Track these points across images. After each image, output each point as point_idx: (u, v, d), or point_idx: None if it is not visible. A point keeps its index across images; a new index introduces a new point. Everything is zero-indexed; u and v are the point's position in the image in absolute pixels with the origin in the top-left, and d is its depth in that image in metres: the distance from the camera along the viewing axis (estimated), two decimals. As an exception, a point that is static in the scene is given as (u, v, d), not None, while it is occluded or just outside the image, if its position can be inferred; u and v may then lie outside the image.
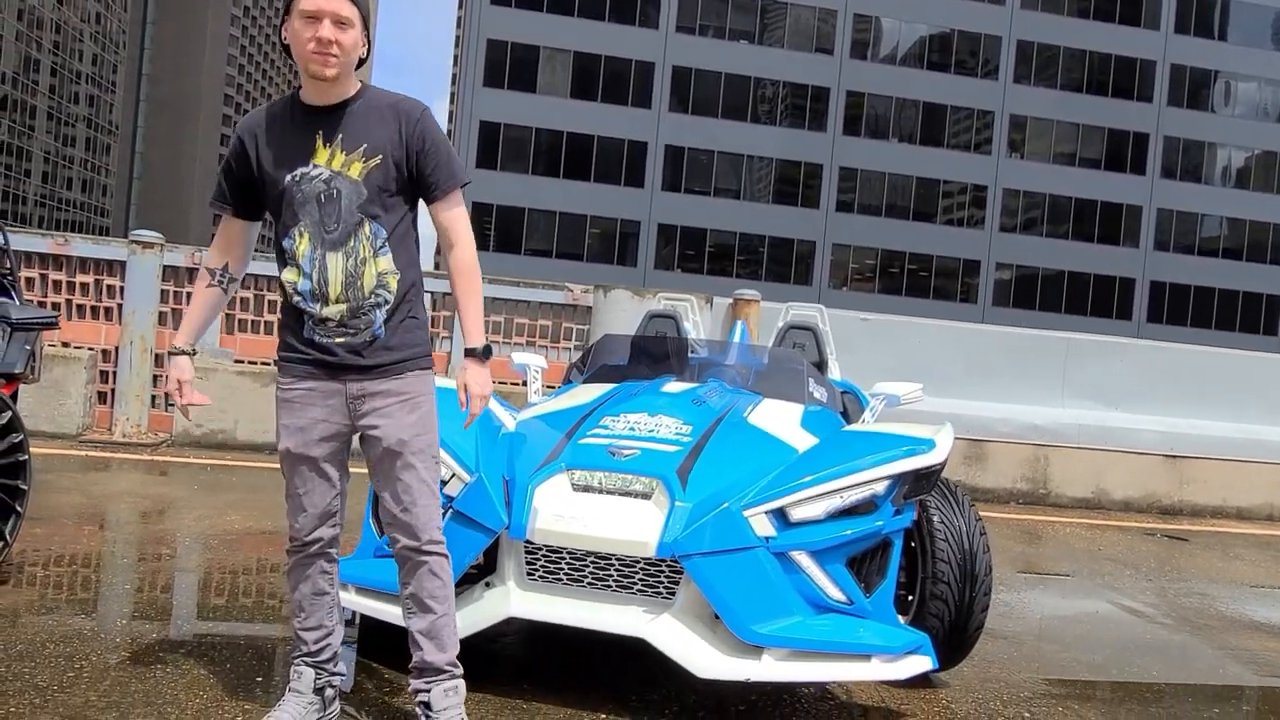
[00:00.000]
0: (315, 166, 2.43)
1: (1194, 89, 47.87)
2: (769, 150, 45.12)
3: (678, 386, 3.98)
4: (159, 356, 7.29)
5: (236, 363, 7.34)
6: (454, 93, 77.37)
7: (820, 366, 5.52)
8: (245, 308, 7.49)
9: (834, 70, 45.48)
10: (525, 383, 5.14)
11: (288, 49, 2.46)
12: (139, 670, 2.92)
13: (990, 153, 46.72)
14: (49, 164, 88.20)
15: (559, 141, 43.79)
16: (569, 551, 2.94)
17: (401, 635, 2.98)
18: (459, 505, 3.00)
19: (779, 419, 3.68)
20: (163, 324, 7.32)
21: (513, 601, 2.92)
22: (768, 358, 4.73)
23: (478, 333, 2.53)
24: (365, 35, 2.44)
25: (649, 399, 3.68)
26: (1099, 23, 46.96)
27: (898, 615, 3.14)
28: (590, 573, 2.95)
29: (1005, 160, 46.75)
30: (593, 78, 43.91)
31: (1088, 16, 47.01)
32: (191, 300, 2.69)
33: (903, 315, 9.07)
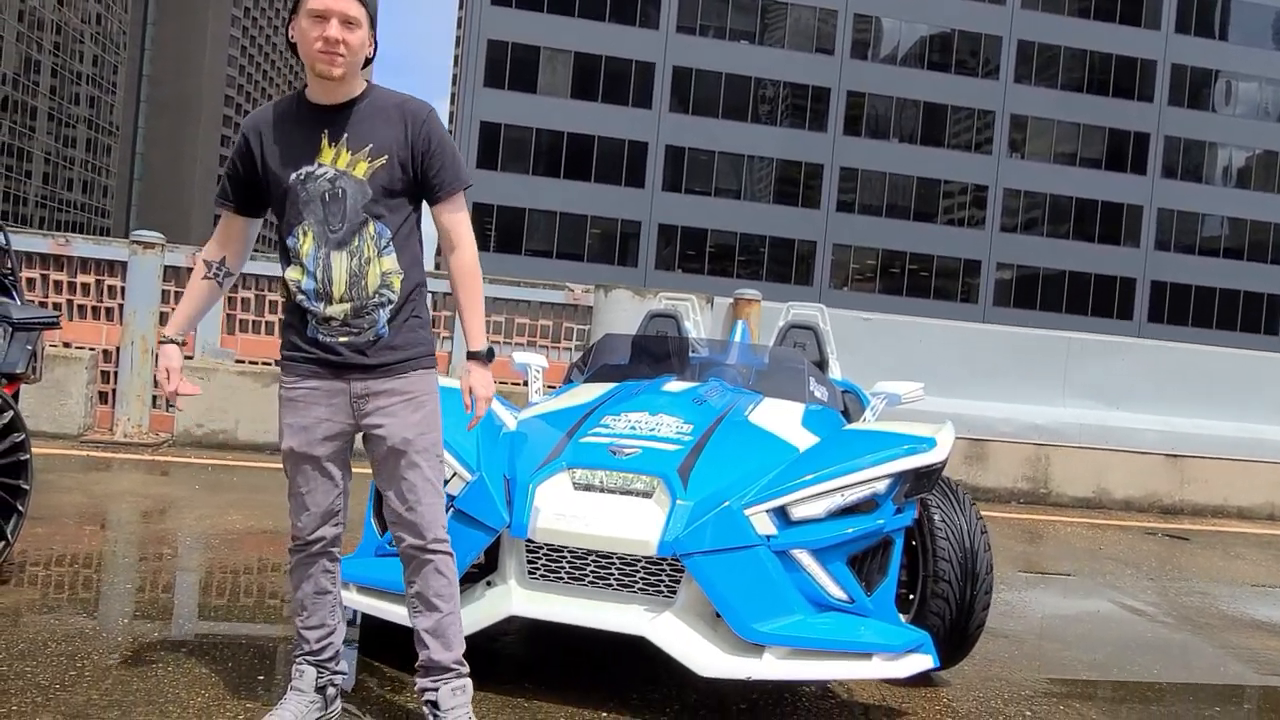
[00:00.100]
0: (320, 166, 2.43)
1: (1195, 89, 47.87)
2: (770, 150, 45.13)
3: (679, 386, 3.98)
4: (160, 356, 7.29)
5: (237, 363, 7.34)
6: (454, 93, 77.39)
7: (821, 366, 5.52)
8: (246, 308, 7.50)
9: (834, 70, 45.49)
10: (526, 382, 5.14)
11: (294, 47, 2.46)
12: (141, 669, 2.92)
13: (991, 153, 46.72)
14: (49, 165, 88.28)
15: (559, 142, 43.80)
16: (570, 550, 2.94)
17: (403, 634, 2.98)
18: (460, 504, 3.00)
19: (780, 418, 3.68)
20: (163, 324, 7.31)
21: (514, 600, 2.93)
22: (768, 357, 4.73)
23: (480, 336, 2.54)
24: (372, 35, 2.45)
25: (650, 398, 3.68)
26: (1100, 22, 46.96)
27: (899, 614, 3.14)
28: (591, 571, 2.95)
29: (1006, 160, 46.75)
30: (593, 78, 43.93)
31: (1088, 16, 47.01)
32: (185, 291, 2.68)
33: (904, 315, 9.07)
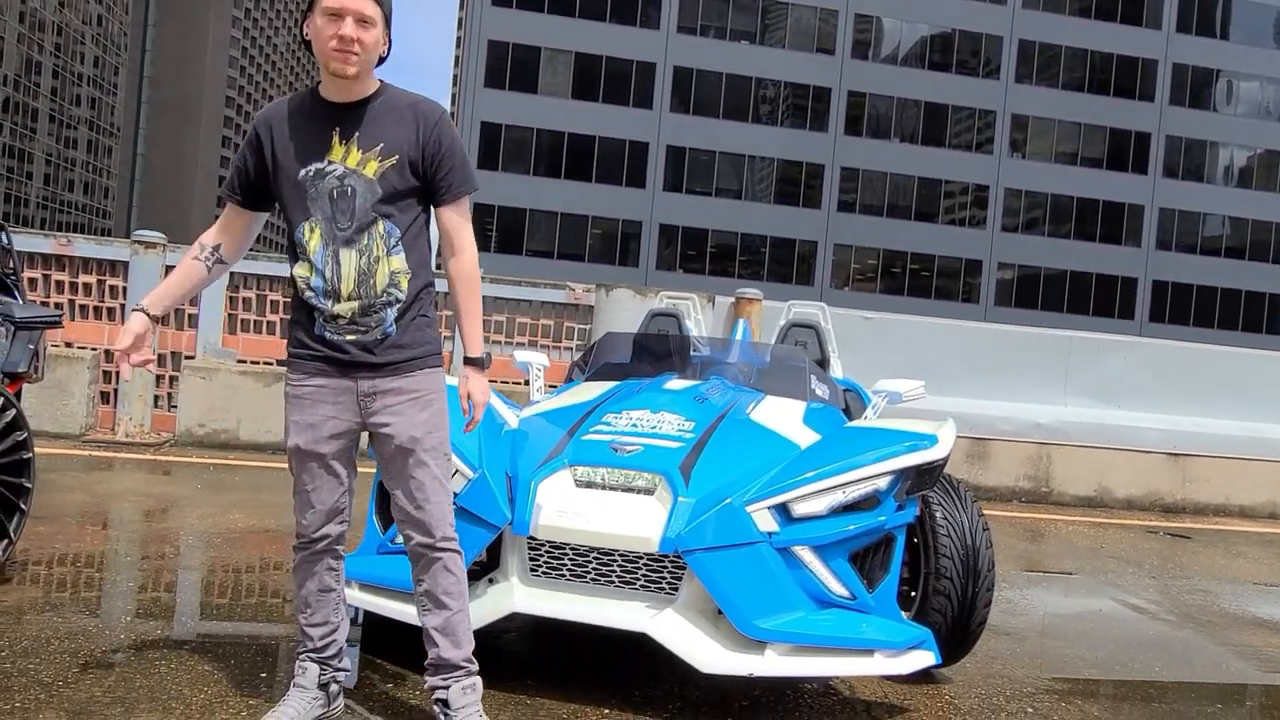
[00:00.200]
0: (330, 163, 2.43)
1: (1196, 88, 47.84)
2: (770, 150, 45.13)
3: (680, 384, 3.98)
4: (162, 356, 7.31)
5: (239, 363, 7.35)
6: (455, 94, 77.42)
7: (822, 364, 5.53)
8: (248, 308, 7.51)
9: (835, 70, 45.49)
10: (527, 381, 5.14)
11: (309, 45, 2.47)
12: (144, 666, 2.92)
13: (992, 152, 46.71)
14: (50, 166, 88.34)
15: (560, 142, 43.81)
16: (572, 547, 2.95)
17: (405, 631, 2.99)
18: (462, 502, 3.00)
19: (781, 416, 3.68)
20: (165, 324, 7.31)
21: (516, 597, 2.93)
22: (770, 355, 4.73)
23: (477, 342, 2.57)
24: (386, 34, 2.45)
25: (651, 396, 3.68)
26: (1101, 22, 46.95)
27: (901, 611, 3.15)
28: (593, 568, 2.95)
29: (1007, 160, 46.74)
30: (594, 78, 43.93)
31: (1089, 16, 47.00)
32: (173, 270, 2.65)
33: (905, 315, 9.07)
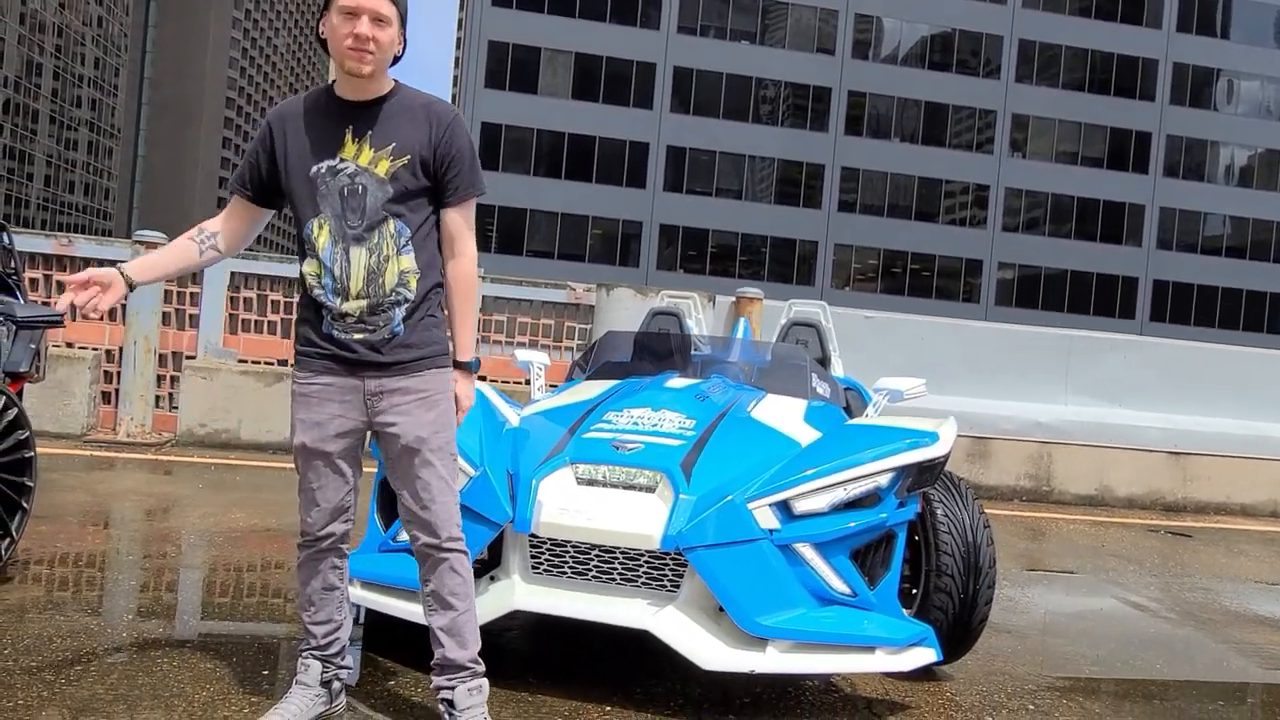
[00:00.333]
0: (342, 161, 2.43)
1: (1196, 87, 47.84)
2: (771, 150, 45.13)
3: (681, 382, 3.98)
4: (163, 357, 7.31)
5: (240, 363, 7.35)
6: (455, 94, 77.43)
7: (823, 363, 5.52)
8: (249, 308, 7.51)
9: (835, 70, 45.49)
10: (528, 381, 5.14)
11: (324, 43, 2.47)
12: (146, 664, 2.93)
13: (992, 152, 46.71)
14: (51, 167, 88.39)
15: (560, 143, 43.83)
16: (573, 545, 2.95)
17: (407, 629, 3.00)
18: (464, 499, 2.99)
19: (782, 414, 3.69)
20: (166, 324, 7.34)
21: (518, 595, 2.93)
22: (771, 354, 4.73)
23: (469, 346, 2.59)
24: (402, 33, 2.45)
25: (652, 394, 3.69)
26: (1101, 21, 46.95)
27: (902, 608, 3.15)
28: (595, 566, 2.95)
29: (1007, 160, 46.74)
30: (594, 79, 43.95)
31: (1090, 15, 47.00)
32: (166, 245, 2.65)
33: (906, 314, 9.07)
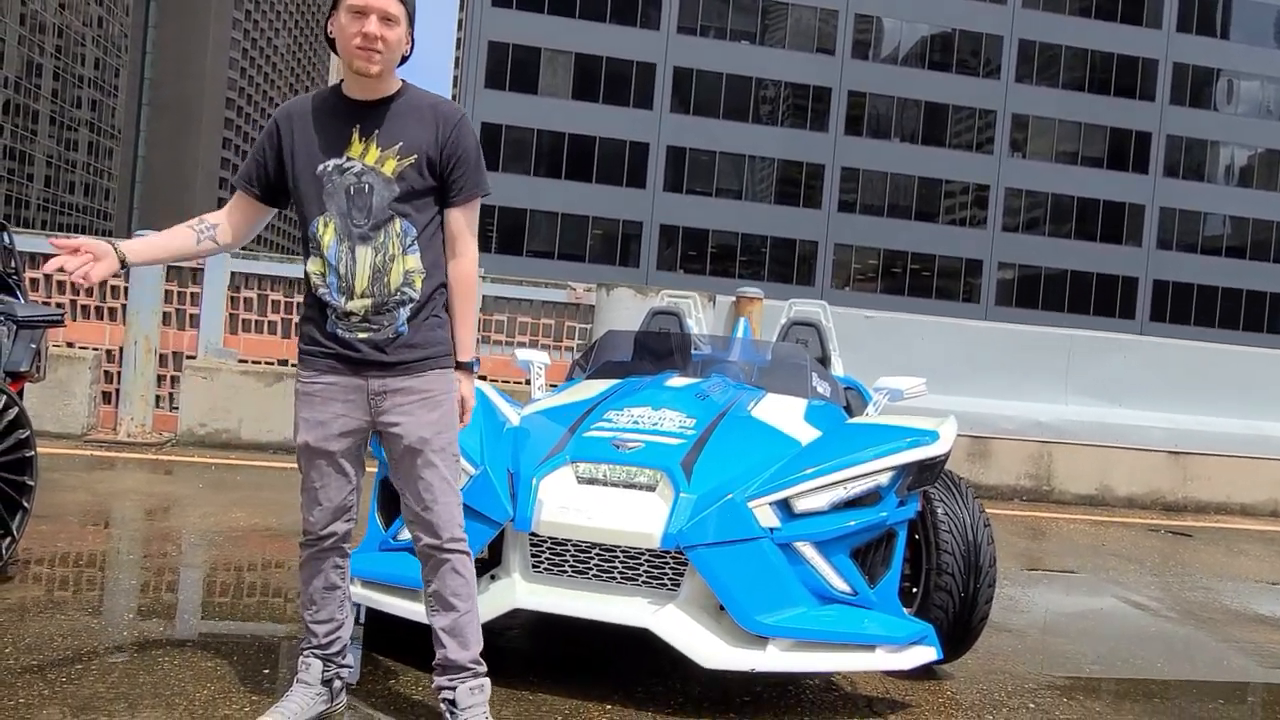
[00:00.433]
0: (349, 159, 2.44)
1: (1196, 87, 47.84)
2: (771, 150, 45.13)
3: (681, 381, 3.98)
4: (163, 357, 7.31)
5: (240, 363, 7.35)
6: (455, 94, 77.43)
7: (823, 362, 5.52)
8: (249, 308, 7.51)
9: (835, 70, 45.49)
10: (528, 381, 5.14)
11: (332, 43, 2.48)
12: (146, 663, 2.93)
13: (992, 152, 46.71)
14: (51, 168, 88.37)
15: (560, 143, 43.82)
16: (574, 543, 2.95)
17: (407, 628, 3.00)
18: (464, 498, 2.98)
19: (782, 413, 3.69)
20: (166, 324, 7.34)
21: (518, 593, 2.93)
22: (771, 353, 4.73)
23: (470, 346, 2.60)
24: (409, 33, 2.46)
25: (653, 393, 3.69)
26: (1101, 21, 46.95)
27: (902, 606, 3.15)
28: (595, 564, 2.95)
29: (1007, 160, 46.73)
30: (594, 79, 43.95)
31: (1089, 15, 47.00)
32: (165, 230, 2.63)
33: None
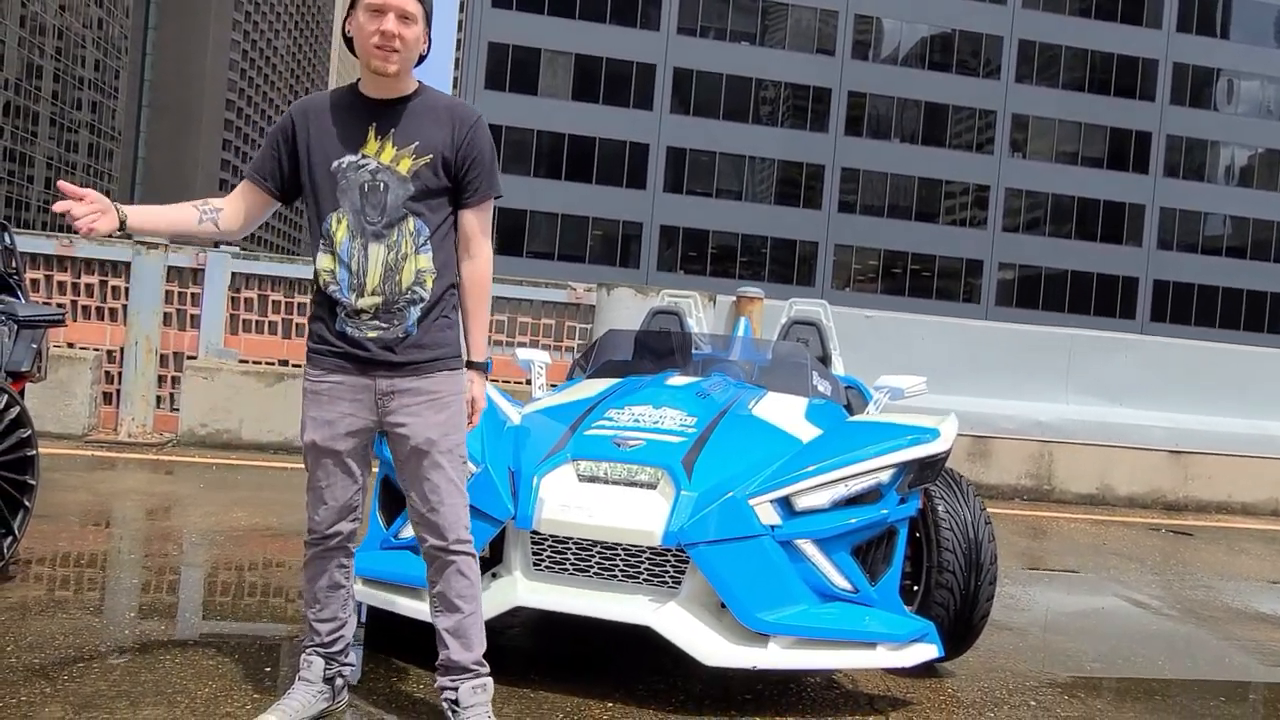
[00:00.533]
0: (364, 157, 2.44)
1: (1197, 87, 47.84)
2: (771, 151, 45.13)
3: (682, 380, 3.98)
4: (164, 357, 7.31)
5: (241, 363, 7.35)
6: (455, 95, 77.44)
7: (824, 361, 5.52)
8: (250, 308, 7.51)
9: (835, 71, 45.49)
10: (529, 380, 5.14)
11: (350, 43, 2.48)
12: (148, 661, 2.93)
13: (993, 152, 46.70)
14: (52, 170, 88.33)
15: (560, 144, 43.82)
16: (575, 541, 2.95)
17: (408, 626, 3.00)
18: (466, 497, 3.00)
19: (783, 411, 3.69)
20: (167, 324, 7.34)
21: (519, 591, 2.93)
22: (771, 352, 4.74)
23: (482, 346, 2.60)
24: (427, 32, 2.46)
25: (653, 392, 3.69)
26: (1101, 22, 46.95)
27: (903, 604, 3.15)
28: (596, 562, 2.95)
29: (1008, 160, 46.72)
30: (594, 80, 43.95)
31: (1089, 15, 47.00)
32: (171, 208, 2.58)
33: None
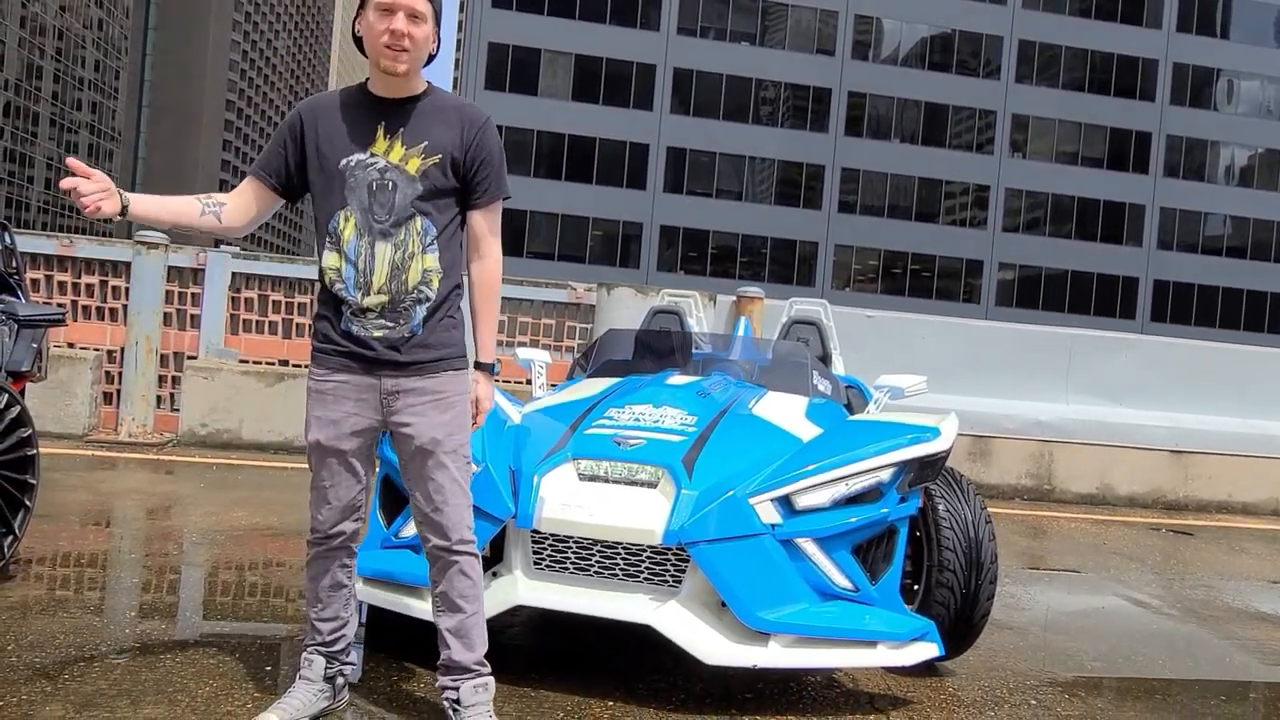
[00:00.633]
0: (372, 155, 2.44)
1: (1196, 87, 47.83)
2: (771, 151, 45.13)
3: (682, 379, 3.98)
4: (164, 357, 7.31)
5: (241, 363, 7.36)
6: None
7: (824, 361, 5.53)
8: (250, 308, 7.51)
9: (835, 71, 45.50)
10: (529, 381, 5.14)
11: (359, 42, 2.48)
12: (149, 660, 2.93)
13: (993, 153, 46.70)
14: (52, 170, 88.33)
15: (561, 144, 43.83)
16: (575, 540, 2.95)
17: (409, 625, 3.00)
18: (467, 496, 3.00)
19: (783, 410, 3.69)
20: (168, 324, 7.34)
21: (520, 590, 2.93)
22: (772, 352, 4.74)
23: (490, 347, 2.59)
24: (436, 32, 2.46)
25: (654, 391, 3.69)
26: (1101, 22, 46.95)
27: (904, 603, 3.15)
28: (597, 561, 2.95)
29: (1008, 160, 46.72)
30: (594, 80, 43.95)
31: (1089, 15, 47.00)
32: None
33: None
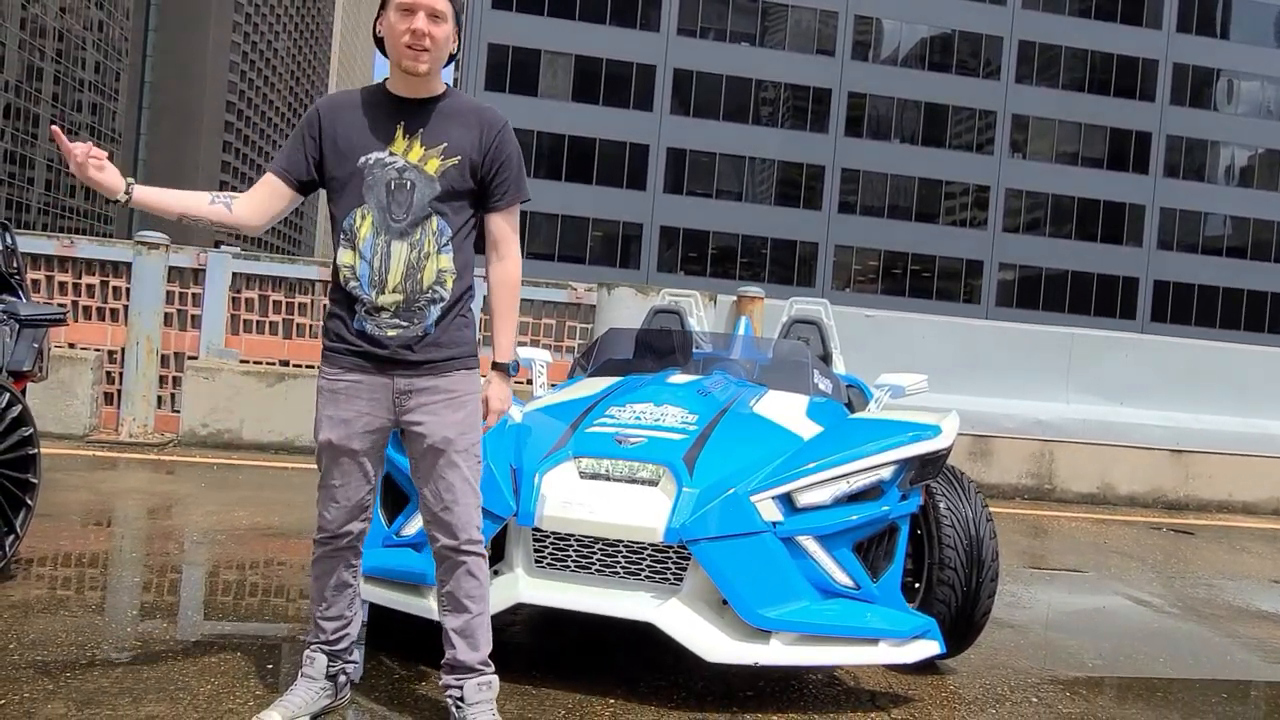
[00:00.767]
0: (391, 155, 2.45)
1: (1197, 87, 47.85)
2: (771, 152, 45.15)
3: (683, 378, 3.98)
4: (165, 357, 7.32)
5: (242, 363, 7.36)
6: (456, 97, 77.34)
7: (825, 360, 5.53)
8: (250, 308, 7.51)
9: (835, 71, 45.51)
10: (529, 380, 5.14)
11: (379, 43, 2.49)
12: (150, 658, 2.93)
13: (993, 153, 46.71)
14: (52, 171, 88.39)
15: (561, 145, 43.85)
16: (577, 538, 2.95)
17: (410, 623, 3.00)
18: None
19: (784, 409, 3.69)
20: (168, 325, 7.35)
21: (521, 588, 2.94)
22: (772, 351, 4.74)
23: (508, 348, 2.59)
24: (456, 32, 2.47)
25: (654, 390, 3.69)
26: (1101, 22, 46.97)
27: (905, 601, 3.15)
28: (598, 559, 2.96)
29: (1008, 160, 46.74)
30: (594, 81, 43.97)
31: (1089, 16, 47.02)
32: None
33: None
